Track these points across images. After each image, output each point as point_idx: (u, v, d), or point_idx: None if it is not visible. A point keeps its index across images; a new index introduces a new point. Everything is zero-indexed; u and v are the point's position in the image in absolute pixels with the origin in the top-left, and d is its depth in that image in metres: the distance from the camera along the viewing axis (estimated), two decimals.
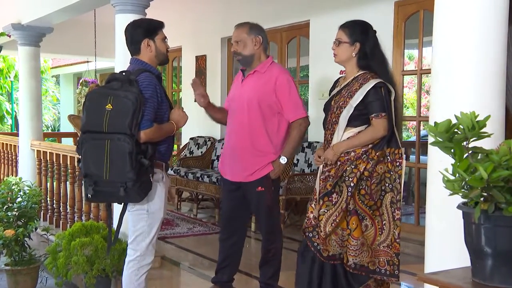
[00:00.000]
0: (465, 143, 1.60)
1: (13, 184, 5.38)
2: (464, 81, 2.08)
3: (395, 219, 3.09)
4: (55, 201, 6.16)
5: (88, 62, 11.97)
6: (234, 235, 3.89)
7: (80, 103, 10.96)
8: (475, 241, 1.62)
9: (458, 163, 1.57)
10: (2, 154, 8.31)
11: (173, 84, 10.09)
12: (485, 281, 1.60)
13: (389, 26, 5.30)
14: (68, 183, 5.80)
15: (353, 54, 3.19)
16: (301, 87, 7.73)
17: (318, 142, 5.85)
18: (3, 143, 8.26)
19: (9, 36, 7.00)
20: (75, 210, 5.65)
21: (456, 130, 1.59)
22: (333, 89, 3.38)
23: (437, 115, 2.15)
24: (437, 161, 2.13)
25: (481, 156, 1.63)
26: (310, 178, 5.86)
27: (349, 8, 5.65)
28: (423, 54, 5.32)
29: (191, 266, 4.90)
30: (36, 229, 5.14)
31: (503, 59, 2.12)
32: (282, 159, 3.66)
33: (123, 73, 3.25)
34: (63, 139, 10.32)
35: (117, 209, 3.69)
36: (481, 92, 2.06)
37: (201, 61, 8.16)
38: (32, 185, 5.47)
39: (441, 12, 2.15)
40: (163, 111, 3.27)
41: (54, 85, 18.84)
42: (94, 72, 12.74)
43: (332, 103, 3.27)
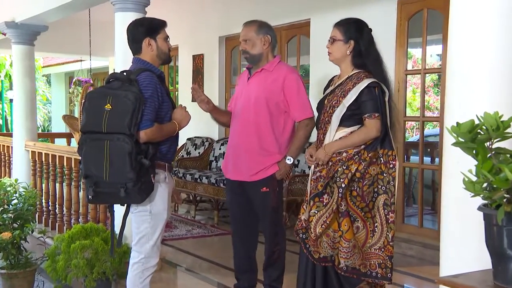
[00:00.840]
0: (488, 144, 1.59)
1: (8, 185, 5.36)
2: (481, 81, 2.08)
3: (389, 221, 3.08)
4: (50, 203, 6.13)
5: (81, 61, 11.93)
6: (247, 238, 3.88)
7: (73, 102, 10.94)
8: (497, 243, 1.62)
9: (481, 164, 1.57)
10: None
11: (169, 84, 10.05)
12: (507, 284, 1.60)
13: (392, 25, 5.30)
14: (64, 184, 5.76)
15: (348, 52, 3.18)
16: None
17: None
18: None
19: (4, 34, 6.96)
20: (72, 212, 5.62)
21: (479, 130, 1.59)
22: (327, 87, 3.37)
23: (454, 116, 2.15)
24: (454, 163, 2.13)
25: (502, 157, 1.63)
26: None
27: (351, 6, 5.65)
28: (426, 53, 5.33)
29: (190, 268, 4.89)
30: (32, 231, 5.12)
31: None
32: (288, 159, 3.65)
33: (124, 73, 3.25)
34: (56, 139, 10.25)
35: (118, 211, 3.68)
36: (499, 91, 2.05)
37: (198, 60, 8.14)
38: (28, 186, 5.44)
39: (457, 10, 2.15)
40: (165, 111, 3.26)
41: (44, 85, 18.75)
42: (86, 71, 12.72)
43: (325, 102, 3.26)
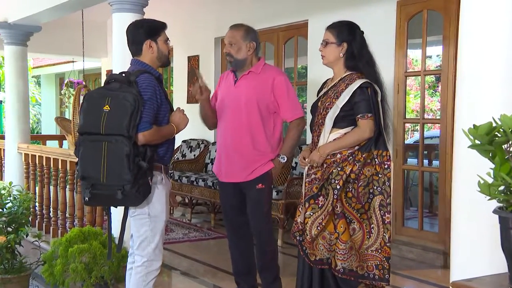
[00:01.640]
0: (505, 146, 1.60)
1: (2, 188, 5.31)
2: (493, 83, 2.09)
3: (385, 222, 3.11)
4: (44, 207, 6.09)
5: (73, 62, 11.87)
6: (242, 241, 3.90)
7: (64, 104, 10.88)
8: None
9: (499, 167, 1.57)
10: None
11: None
12: None
13: (392, 26, 5.31)
14: (59, 187, 5.73)
15: (341, 54, 3.23)
16: (299, 88, 7.74)
17: None
18: None
19: None
20: (67, 215, 5.59)
21: (496, 133, 1.60)
22: (320, 90, 3.42)
23: (465, 118, 2.16)
24: (465, 166, 2.13)
25: None
26: None
27: (350, 8, 5.66)
28: (426, 54, 5.34)
29: (188, 272, 4.88)
30: (27, 235, 5.08)
31: None
32: (282, 158, 3.72)
33: (123, 74, 3.25)
34: (48, 141, 10.20)
35: (115, 214, 3.67)
36: (511, 94, 2.06)
37: (193, 62, 8.13)
38: (22, 190, 5.40)
39: (468, 13, 2.15)
40: (163, 113, 3.28)
41: (34, 86, 18.61)
42: (78, 72, 12.65)
43: (319, 104, 3.31)
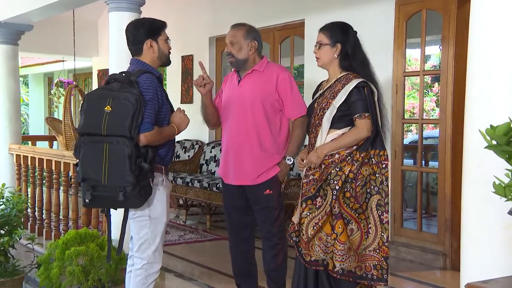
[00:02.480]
0: None
1: None
2: (506, 83, 2.10)
3: (383, 222, 3.13)
4: (37, 209, 6.05)
5: (63, 61, 11.82)
6: (244, 242, 3.89)
7: (54, 104, 10.82)
8: None
9: None
10: None
11: None
12: None
13: (390, 26, 5.33)
14: (53, 189, 5.69)
15: (335, 55, 3.27)
16: None
17: None
18: None
19: None
20: (61, 217, 5.55)
21: None
22: (316, 92, 3.44)
23: (474, 119, 2.17)
24: (475, 167, 2.14)
25: None
26: None
27: (347, 7, 5.68)
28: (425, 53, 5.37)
29: (185, 274, 4.87)
30: (20, 238, 5.05)
31: None
32: (288, 159, 3.69)
33: (123, 74, 3.24)
34: (38, 142, 10.13)
35: (115, 216, 3.66)
36: None
37: (187, 61, 8.12)
38: (15, 192, 5.36)
39: (480, 10, 2.16)
40: (164, 114, 3.27)
41: (21, 86, 18.48)
42: (67, 72, 12.59)
43: (315, 105, 3.33)
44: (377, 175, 3.14)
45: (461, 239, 2.29)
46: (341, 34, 3.26)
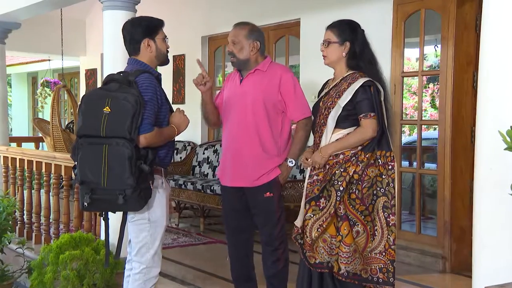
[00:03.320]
0: None
1: None
2: None
3: (390, 224, 3.13)
4: (26, 212, 5.97)
5: (49, 60, 11.72)
6: (243, 246, 3.86)
7: (41, 104, 10.72)
8: None
9: None
10: None
11: None
12: None
13: (388, 26, 5.34)
14: (43, 192, 5.63)
15: (343, 54, 3.25)
16: None
17: None
18: None
19: None
20: (51, 221, 5.49)
21: None
22: (322, 90, 3.42)
23: (487, 121, 2.17)
24: (487, 169, 2.15)
25: None
26: (302, 184, 5.86)
27: (344, 6, 5.68)
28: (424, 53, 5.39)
29: (179, 278, 4.83)
30: (9, 242, 5.00)
31: None
32: (289, 161, 3.67)
33: (121, 74, 3.21)
34: (23, 143, 10.05)
35: (112, 219, 3.63)
36: None
37: (179, 61, 8.09)
38: (5, 195, 5.31)
39: (492, 10, 2.17)
40: (163, 115, 3.26)
41: None
42: (52, 71, 12.48)
43: (320, 104, 3.32)
44: (383, 177, 3.14)
45: (473, 242, 2.28)
46: (350, 32, 3.25)
